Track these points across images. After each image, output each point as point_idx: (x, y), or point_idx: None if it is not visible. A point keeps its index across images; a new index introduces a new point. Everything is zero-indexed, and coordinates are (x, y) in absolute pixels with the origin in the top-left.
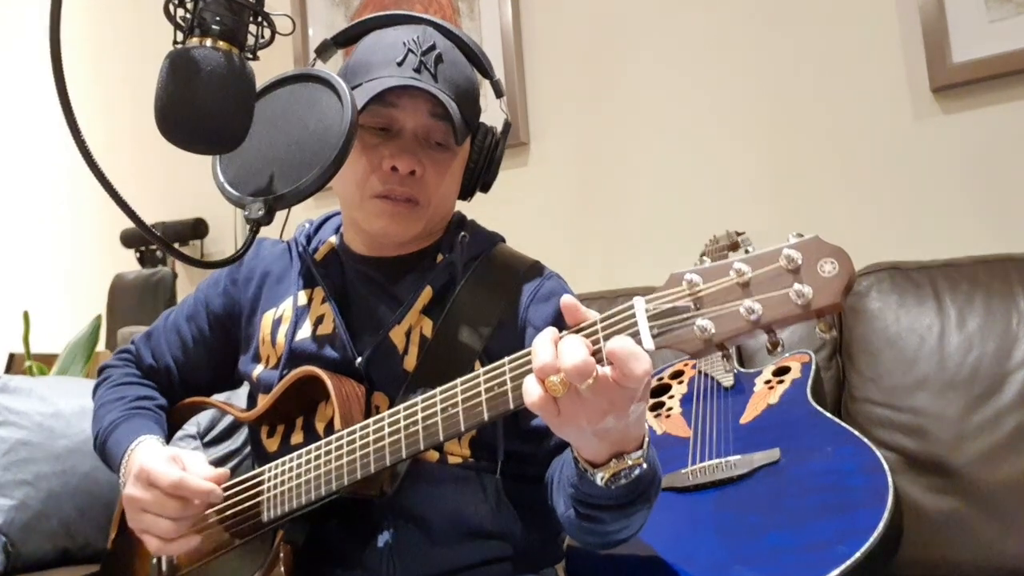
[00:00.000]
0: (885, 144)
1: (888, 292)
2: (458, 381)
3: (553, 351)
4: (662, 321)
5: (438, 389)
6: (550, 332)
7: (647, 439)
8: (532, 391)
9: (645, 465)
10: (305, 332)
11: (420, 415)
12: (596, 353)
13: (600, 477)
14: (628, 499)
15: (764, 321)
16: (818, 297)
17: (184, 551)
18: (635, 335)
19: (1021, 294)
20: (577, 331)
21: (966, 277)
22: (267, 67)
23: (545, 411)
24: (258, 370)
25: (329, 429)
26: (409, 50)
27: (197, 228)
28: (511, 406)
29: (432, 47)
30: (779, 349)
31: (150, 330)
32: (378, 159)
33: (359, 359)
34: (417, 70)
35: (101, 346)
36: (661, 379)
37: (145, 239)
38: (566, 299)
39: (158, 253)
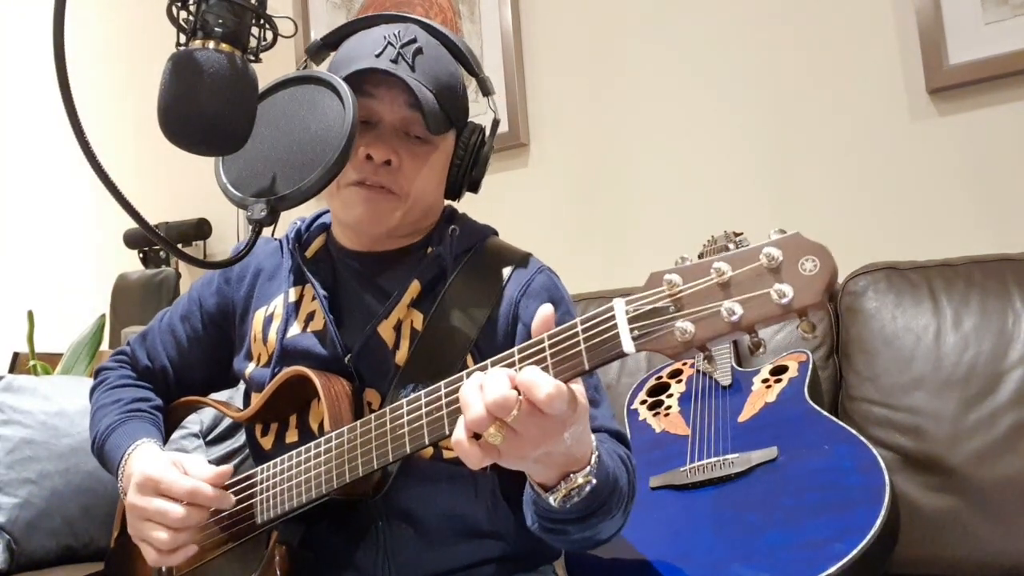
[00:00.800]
0: (882, 145)
1: (885, 292)
2: (442, 384)
3: (481, 400)
4: (642, 323)
5: (423, 391)
6: (476, 381)
7: (595, 455)
8: (470, 452)
9: (595, 481)
10: (296, 329)
11: (405, 418)
12: (561, 366)
13: (553, 499)
14: (587, 512)
15: (745, 322)
16: (799, 296)
17: (181, 562)
18: (615, 338)
19: (1016, 294)
20: (557, 339)
21: (962, 277)
22: (269, 69)
23: (488, 458)
24: (250, 368)
25: (323, 427)
26: (389, 43)
27: (200, 228)
28: None
29: (412, 40)
30: (761, 350)
31: (145, 331)
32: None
33: (348, 355)
34: (395, 60)
35: (105, 346)
36: (660, 378)
37: (149, 239)
38: (542, 314)
39: (162, 253)
